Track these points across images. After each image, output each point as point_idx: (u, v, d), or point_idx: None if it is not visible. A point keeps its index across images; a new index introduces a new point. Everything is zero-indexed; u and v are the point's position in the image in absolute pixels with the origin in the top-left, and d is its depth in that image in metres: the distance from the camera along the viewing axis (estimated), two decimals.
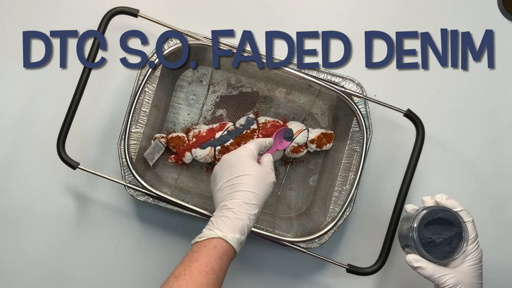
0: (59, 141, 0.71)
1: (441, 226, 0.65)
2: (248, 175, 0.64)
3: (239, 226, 0.60)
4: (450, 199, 0.67)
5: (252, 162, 0.66)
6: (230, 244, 0.59)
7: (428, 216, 0.65)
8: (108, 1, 0.84)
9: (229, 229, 0.60)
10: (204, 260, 0.58)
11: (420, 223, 0.65)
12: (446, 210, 0.66)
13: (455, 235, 0.65)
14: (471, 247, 0.65)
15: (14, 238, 0.83)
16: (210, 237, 0.59)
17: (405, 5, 0.86)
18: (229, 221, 0.60)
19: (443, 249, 0.65)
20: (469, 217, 0.66)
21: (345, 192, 0.77)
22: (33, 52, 0.83)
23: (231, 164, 0.66)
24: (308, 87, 0.82)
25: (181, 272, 0.57)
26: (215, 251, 0.59)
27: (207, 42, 0.75)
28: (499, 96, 0.86)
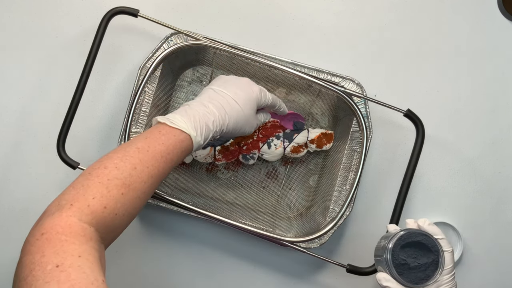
0: (59, 141, 0.71)
1: (419, 250, 0.63)
2: (242, 112, 0.65)
3: (206, 134, 0.61)
4: (432, 225, 0.65)
5: (253, 106, 0.67)
6: (193, 145, 0.60)
7: (406, 238, 0.63)
8: (108, 1, 0.84)
9: (200, 134, 0.60)
10: (170, 148, 0.57)
11: (396, 243, 0.63)
12: (426, 235, 0.63)
13: (431, 262, 0.62)
14: (446, 277, 0.62)
15: (14, 238, 0.83)
16: (183, 130, 0.59)
17: (405, 5, 0.86)
18: (203, 124, 0.61)
19: (417, 275, 0.62)
20: (448, 247, 0.63)
21: (345, 192, 0.77)
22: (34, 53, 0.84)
23: (240, 87, 0.67)
24: (308, 87, 0.81)
25: (145, 147, 0.56)
26: (181, 145, 0.59)
27: (207, 42, 0.75)
28: (499, 96, 0.86)
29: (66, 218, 0.48)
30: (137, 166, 0.54)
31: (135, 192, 0.53)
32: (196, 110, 0.62)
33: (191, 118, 0.60)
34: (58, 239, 0.46)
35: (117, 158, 0.54)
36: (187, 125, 0.59)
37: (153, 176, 0.55)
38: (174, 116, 0.60)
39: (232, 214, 0.79)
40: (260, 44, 0.84)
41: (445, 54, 0.86)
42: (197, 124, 0.60)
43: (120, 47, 0.84)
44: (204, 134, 0.61)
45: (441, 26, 0.86)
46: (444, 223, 0.83)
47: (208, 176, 0.83)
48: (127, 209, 0.52)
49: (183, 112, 0.61)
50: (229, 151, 0.79)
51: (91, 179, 0.52)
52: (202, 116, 0.61)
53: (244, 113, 0.66)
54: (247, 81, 0.69)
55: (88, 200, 0.50)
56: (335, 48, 0.86)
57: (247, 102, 0.66)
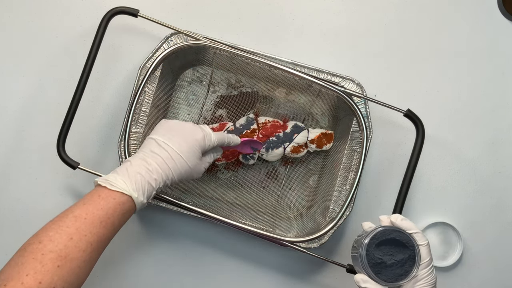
0: (59, 141, 0.71)
1: (395, 247, 0.62)
2: (185, 163, 0.64)
3: (149, 192, 0.60)
4: (406, 220, 0.64)
5: (198, 154, 0.66)
6: (135, 206, 0.59)
7: (380, 236, 0.62)
8: (108, 1, 0.84)
9: (142, 193, 0.59)
10: (110, 212, 0.56)
11: (370, 242, 0.62)
12: (400, 231, 0.62)
13: (408, 257, 0.62)
14: (424, 271, 0.62)
15: (14, 238, 0.83)
16: (122, 191, 0.58)
17: (405, 5, 0.86)
18: (145, 183, 0.60)
19: (395, 271, 0.62)
20: (423, 241, 0.63)
21: (345, 192, 0.77)
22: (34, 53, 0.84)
23: (184, 137, 0.65)
24: (308, 87, 0.81)
25: (82, 215, 0.55)
26: (122, 207, 0.58)
27: (207, 42, 0.75)
28: (499, 96, 0.86)
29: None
30: (73, 236, 0.53)
31: (73, 263, 0.52)
32: (137, 168, 0.60)
33: (132, 178, 0.59)
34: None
35: (52, 230, 0.53)
36: (127, 186, 0.58)
37: (92, 244, 0.54)
38: (114, 177, 0.59)
39: (232, 214, 0.79)
40: (260, 44, 0.84)
41: (445, 54, 0.86)
42: (139, 185, 0.59)
43: (120, 47, 0.84)
44: (147, 193, 0.60)
45: (441, 26, 0.86)
46: (444, 223, 0.84)
47: (208, 176, 0.83)
48: (67, 280, 0.51)
49: (124, 171, 0.60)
50: (229, 151, 0.79)
51: (25, 255, 0.51)
52: (144, 175, 0.60)
53: (189, 166, 0.65)
54: (190, 128, 0.67)
55: (22, 278, 0.49)
56: (335, 48, 0.86)
57: (192, 153, 0.65)
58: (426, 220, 0.84)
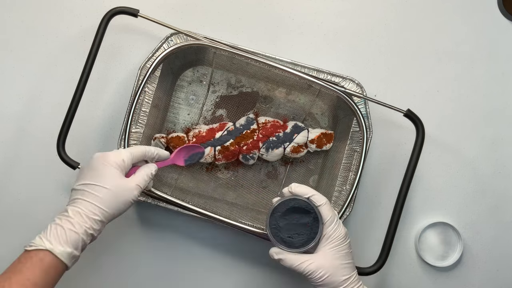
0: (59, 141, 0.71)
1: (299, 214, 0.65)
2: (102, 188, 0.60)
3: (72, 239, 0.57)
4: (300, 186, 0.66)
5: (114, 173, 0.61)
6: (58, 258, 0.56)
7: (280, 207, 0.66)
8: (108, 1, 0.84)
9: (60, 242, 0.56)
10: (27, 273, 0.54)
11: (273, 215, 0.65)
12: (297, 199, 0.65)
13: (313, 220, 0.65)
14: (330, 229, 0.64)
15: (14, 238, 0.83)
16: (39, 248, 0.56)
17: (405, 5, 0.86)
18: (63, 232, 0.57)
19: (305, 236, 0.65)
20: (321, 201, 0.65)
21: (345, 192, 0.77)
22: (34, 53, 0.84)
23: (95, 167, 0.61)
24: (308, 87, 0.82)
25: (1, 284, 0.53)
26: (40, 264, 0.55)
27: (207, 42, 0.75)
28: (499, 96, 0.86)
29: None
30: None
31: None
32: (57, 221, 0.58)
33: (49, 232, 0.57)
34: None
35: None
36: (43, 241, 0.56)
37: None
38: (36, 237, 0.57)
39: (232, 214, 0.79)
40: (260, 44, 0.84)
41: (445, 54, 0.86)
42: (55, 235, 0.57)
43: (120, 47, 0.84)
44: (70, 241, 0.57)
45: (441, 26, 0.86)
46: (444, 223, 0.84)
47: (208, 176, 0.83)
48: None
49: (46, 229, 0.58)
50: (229, 151, 0.79)
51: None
52: (63, 224, 0.57)
53: (109, 188, 0.60)
54: (98, 156, 0.63)
55: None
56: (335, 48, 0.86)
57: (106, 176, 0.61)
58: (426, 220, 0.84)
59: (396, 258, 0.84)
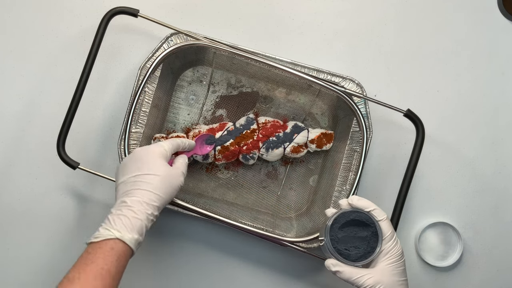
0: (59, 141, 0.71)
1: (357, 227, 0.64)
2: (154, 175, 0.63)
3: (137, 226, 0.59)
4: (362, 199, 0.66)
5: (161, 162, 0.65)
6: (127, 245, 0.58)
7: (341, 219, 0.65)
8: (108, 1, 0.84)
9: (127, 229, 0.58)
10: (100, 263, 0.56)
11: (332, 226, 0.65)
12: (358, 212, 0.65)
13: (371, 234, 0.64)
14: (389, 245, 0.64)
15: (14, 238, 0.83)
16: (107, 238, 0.57)
17: (405, 6, 0.86)
18: (128, 220, 0.59)
19: (362, 250, 0.64)
20: (382, 216, 0.65)
21: (345, 192, 0.77)
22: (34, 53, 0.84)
23: (140, 159, 0.64)
24: (308, 87, 0.82)
25: (75, 276, 0.55)
26: (112, 252, 0.57)
27: (207, 42, 0.75)
28: (499, 96, 0.86)
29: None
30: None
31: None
32: (117, 212, 0.60)
33: (113, 222, 0.59)
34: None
35: None
36: (110, 230, 0.58)
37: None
38: (97, 230, 0.59)
39: (232, 214, 0.79)
40: (260, 44, 0.84)
41: (445, 54, 0.86)
42: (121, 224, 0.59)
43: (120, 47, 0.84)
44: (136, 227, 0.59)
45: (441, 26, 0.86)
46: (444, 223, 0.84)
47: (208, 176, 0.83)
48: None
49: (106, 221, 0.60)
50: (229, 151, 0.79)
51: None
52: (126, 213, 0.59)
53: (160, 175, 0.63)
54: (139, 150, 0.66)
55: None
56: (335, 48, 0.86)
57: (154, 164, 0.64)
58: (426, 220, 0.84)
59: None
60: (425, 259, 0.83)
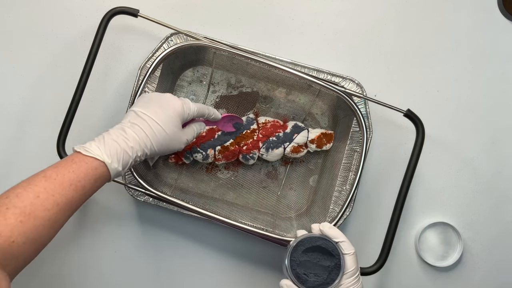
0: (59, 141, 0.71)
1: (322, 255, 0.64)
2: (162, 130, 0.64)
3: (125, 160, 0.60)
4: (333, 228, 0.65)
5: (176, 122, 0.65)
6: (110, 173, 0.59)
7: (306, 242, 0.64)
8: (108, 1, 0.84)
9: (116, 159, 0.59)
10: (81, 176, 0.57)
11: (296, 248, 0.64)
12: (326, 240, 0.64)
13: (334, 266, 0.63)
14: (349, 281, 0.63)
15: None
16: (97, 158, 0.58)
17: (405, 6, 0.86)
18: (120, 151, 0.60)
19: (321, 279, 0.63)
20: (349, 250, 0.64)
21: (345, 192, 0.77)
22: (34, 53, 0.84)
23: (162, 106, 0.65)
24: (308, 87, 0.82)
25: (53, 175, 0.56)
26: (95, 172, 0.58)
27: (207, 42, 0.75)
28: (499, 96, 0.86)
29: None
30: (40, 194, 0.53)
31: (36, 220, 0.52)
32: (114, 137, 0.61)
33: (107, 146, 0.60)
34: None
35: (21, 188, 0.54)
36: (101, 152, 0.59)
37: (59, 204, 0.54)
38: (90, 144, 0.60)
39: (232, 214, 0.79)
40: (260, 44, 0.84)
41: (445, 54, 0.86)
42: (113, 151, 0.59)
43: (120, 47, 0.84)
44: (122, 161, 0.60)
45: (441, 26, 0.86)
46: (444, 223, 0.84)
47: (208, 176, 0.83)
48: (28, 237, 0.52)
49: (101, 139, 0.60)
50: (229, 151, 0.79)
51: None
52: (120, 143, 0.60)
53: (167, 133, 0.64)
54: (168, 97, 0.67)
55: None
56: (335, 48, 0.86)
57: (169, 120, 0.65)
58: (426, 220, 0.84)
59: (396, 258, 0.84)
60: (425, 259, 0.83)
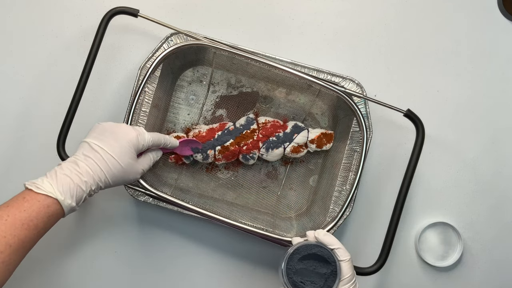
0: (59, 141, 0.71)
1: (318, 262, 0.64)
2: (117, 164, 0.63)
3: (78, 195, 0.59)
4: (328, 235, 0.65)
5: (130, 153, 0.64)
6: (63, 210, 0.58)
7: (302, 250, 0.64)
8: (108, 1, 0.84)
9: (69, 195, 0.58)
10: (33, 215, 0.56)
11: (292, 256, 0.64)
12: (321, 247, 0.64)
13: (331, 273, 0.63)
14: (346, 287, 0.63)
15: None
16: (49, 195, 0.57)
17: (405, 6, 0.86)
18: (73, 186, 0.59)
19: (317, 286, 0.63)
20: (345, 256, 0.64)
21: (345, 192, 0.77)
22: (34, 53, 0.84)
23: (115, 136, 0.64)
24: (308, 87, 0.82)
25: (4, 216, 0.55)
26: (47, 210, 0.57)
27: (207, 42, 0.75)
28: (499, 96, 0.86)
29: None
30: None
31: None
32: (67, 171, 0.59)
33: (60, 181, 0.58)
34: None
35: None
36: (54, 188, 0.57)
37: (12, 245, 0.54)
38: (42, 180, 0.58)
39: (232, 214, 0.79)
40: (260, 44, 0.84)
41: (445, 54, 0.86)
42: (66, 187, 0.58)
43: (120, 47, 0.84)
44: (76, 196, 0.59)
45: (441, 26, 0.86)
46: (444, 223, 0.84)
47: (208, 176, 0.83)
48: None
49: (53, 174, 0.59)
50: (229, 151, 0.79)
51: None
52: (73, 178, 0.59)
53: (122, 166, 0.63)
54: (123, 128, 0.66)
55: None
56: (335, 48, 0.86)
57: (124, 152, 0.63)
58: (426, 220, 0.84)
59: (396, 258, 0.84)
60: (425, 259, 0.83)
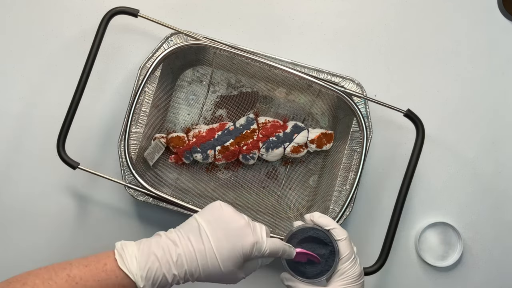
0: (59, 141, 0.71)
1: (316, 244, 0.64)
2: (220, 270, 0.55)
3: (162, 285, 0.54)
4: (323, 216, 0.65)
5: (238, 263, 0.56)
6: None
7: (299, 234, 0.64)
8: (108, 1, 0.84)
9: (152, 284, 0.53)
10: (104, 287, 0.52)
11: (289, 241, 0.64)
12: (317, 229, 0.64)
13: (329, 253, 0.63)
14: (345, 265, 0.63)
15: (14, 238, 0.83)
16: (129, 276, 0.52)
17: (405, 6, 0.86)
18: (159, 274, 0.53)
19: (319, 267, 0.63)
20: (342, 235, 0.63)
21: (345, 192, 0.77)
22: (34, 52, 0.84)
23: (228, 234, 0.56)
24: (308, 87, 0.82)
25: (76, 279, 0.51)
26: None
27: (207, 42, 0.75)
28: (499, 96, 0.86)
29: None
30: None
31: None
32: (159, 253, 0.54)
33: (148, 264, 0.53)
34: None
35: (40, 278, 0.50)
36: (138, 271, 0.52)
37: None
38: (132, 251, 0.53)
39: None
40: (260, 44, 0.84)
41: (445, 54, 0.86)
42: (151, 274, 0.52)
43: (120, 47, 0.84)
44: (158, 285, 0.53)
45: (441, 26, 0.86)
46: (444, 223, 0.84)
47: (208, 176, 0.83)
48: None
49: (144, 250, 0.54)
50: (229, 151, 0.79)
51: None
52: (163, 265, 0.53)
53: (223, 271, 0.55)
54: (242, 227, 0.57)
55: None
56: (335, 48, 0.86)
57: (231, 259, 0.55)
58: (426, 220, 0.84)
59: (396, 258, 0.84)
60: (425, 259, 0.83)
